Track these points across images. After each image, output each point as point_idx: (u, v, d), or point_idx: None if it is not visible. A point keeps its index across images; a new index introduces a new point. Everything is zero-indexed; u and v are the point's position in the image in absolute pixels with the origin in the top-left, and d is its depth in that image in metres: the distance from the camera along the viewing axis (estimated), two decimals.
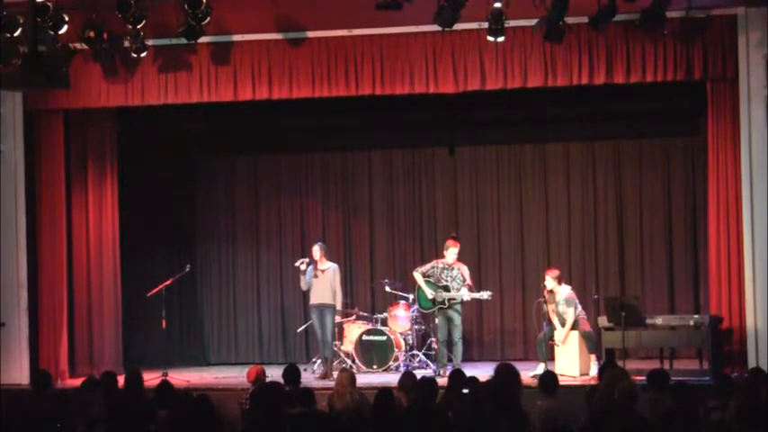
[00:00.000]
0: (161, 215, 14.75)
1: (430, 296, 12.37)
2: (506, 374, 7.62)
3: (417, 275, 12.55)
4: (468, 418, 7.17)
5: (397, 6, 10.58)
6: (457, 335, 12.26)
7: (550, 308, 12.08)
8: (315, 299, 12.64)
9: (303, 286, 12.77)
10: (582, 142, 14.43)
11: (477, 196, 14.70)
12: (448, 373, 10.72)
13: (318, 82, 12.20)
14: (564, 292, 12.06)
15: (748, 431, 6.74)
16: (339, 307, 12.70)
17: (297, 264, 12.78)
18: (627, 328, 11.49)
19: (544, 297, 12.14)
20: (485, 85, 12.00)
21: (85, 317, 13.15)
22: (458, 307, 12.31)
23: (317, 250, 12.65)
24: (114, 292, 13.35)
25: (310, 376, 12.43)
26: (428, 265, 12.57)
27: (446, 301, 12.27)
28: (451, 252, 12.38)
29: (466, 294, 12.27)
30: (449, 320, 12.29)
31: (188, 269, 13.12)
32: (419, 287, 12.55)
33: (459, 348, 12.25)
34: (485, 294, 12.35)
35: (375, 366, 12.89)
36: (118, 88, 12.44)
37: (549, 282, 12.06)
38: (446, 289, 12.31)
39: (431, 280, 12.43)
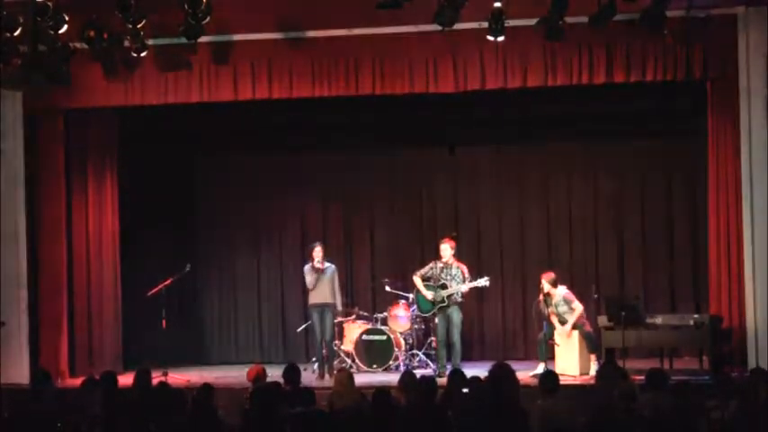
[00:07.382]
0: (161, 215, 14.72)
1: (429, 297, 12.37)
2: (501, 374, 7.61)
3: (417, 279, 12.55)
4: (468, 418, 7.16)
5: (398, 5, 10.56)
6: (455, 334, 12.24)
7: (549, 310, 12.08)
8: (316, 298, 12.64)
9: (309, 285, 12.72)
10: (582, 142, 14.43)
11: (478, 196, 14.69)
12: (448, 373, 10.71)
13: (318, 82, 12.20)
14: (560, 293, 12.07)
15: (748, 431, 6.74)
16: (340, 307, 12.72)
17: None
18: (627, 328, 11.50)
19: (544, 296, 12.15)
20: (485, 84, 11.99)
21: (85, 317, 13.15)
22: (458, 305, 12.31)
23: (320, 251, 12.65)
24: (114, 292, 13.37)
25: (310, 376, 12.41)
26: (426, 267, 12.57)
27: (445, 299, 12.27)
28: (445, 249, 12.37)
29: (463, 286, 12.27)
30: (448, 319, 12.29)
31: (188, 269, 13.09)
32: (418, 291, 12.56)
33: (457, 349, 12.23)
34: (482, 281, 12.35)
35: (375, 366, 12.88)
36: (118, 88, 12.43)
37: (546, 285, 12.07)
38: (444, 287, 12.30)
39: (430, 282, 12.43)
